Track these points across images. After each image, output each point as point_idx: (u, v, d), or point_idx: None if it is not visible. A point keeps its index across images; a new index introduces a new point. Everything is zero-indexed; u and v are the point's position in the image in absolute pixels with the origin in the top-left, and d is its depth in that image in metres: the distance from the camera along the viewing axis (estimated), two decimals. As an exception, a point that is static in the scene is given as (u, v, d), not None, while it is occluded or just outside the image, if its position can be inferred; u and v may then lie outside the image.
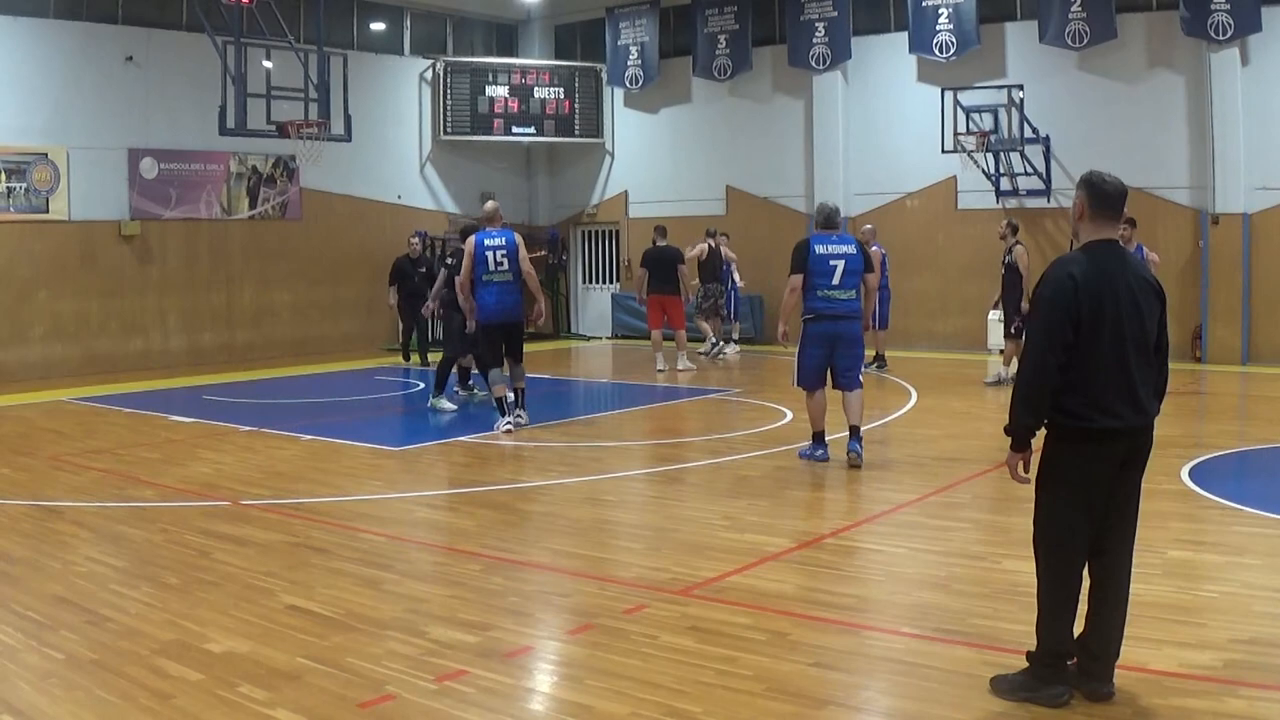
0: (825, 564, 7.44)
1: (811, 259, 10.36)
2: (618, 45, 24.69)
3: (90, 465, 11.10)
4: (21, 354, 18.56)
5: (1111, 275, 4.98)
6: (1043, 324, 4.96)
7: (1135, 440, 5.05)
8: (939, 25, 20.49)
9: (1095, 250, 5.07)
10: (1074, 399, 4.94)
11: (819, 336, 10.48)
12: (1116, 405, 4.95)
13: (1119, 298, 4.96)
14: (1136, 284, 5.04)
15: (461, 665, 5.59)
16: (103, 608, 6.54)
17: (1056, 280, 4.97)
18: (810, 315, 10.47)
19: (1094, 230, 5.10)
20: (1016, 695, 5.07)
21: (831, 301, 10.38)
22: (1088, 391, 4.93)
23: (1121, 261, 5.07)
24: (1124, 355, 4.96)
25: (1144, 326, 5.03)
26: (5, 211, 18.24)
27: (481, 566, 7.43)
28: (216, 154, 20.46)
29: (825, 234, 10.57)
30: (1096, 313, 4.92)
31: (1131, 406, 4.98)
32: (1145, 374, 5.05)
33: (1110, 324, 4.94)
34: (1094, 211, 5.10)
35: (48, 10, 18.77)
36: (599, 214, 25.77)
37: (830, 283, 10.34)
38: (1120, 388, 4.96)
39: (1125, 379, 4.97)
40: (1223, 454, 10.77)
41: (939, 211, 21.06)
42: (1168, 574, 6.94)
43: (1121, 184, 5.13)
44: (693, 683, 5.34)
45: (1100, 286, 4.93)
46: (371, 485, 10.27)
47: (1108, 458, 4.99)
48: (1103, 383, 4.94)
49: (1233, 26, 17.94)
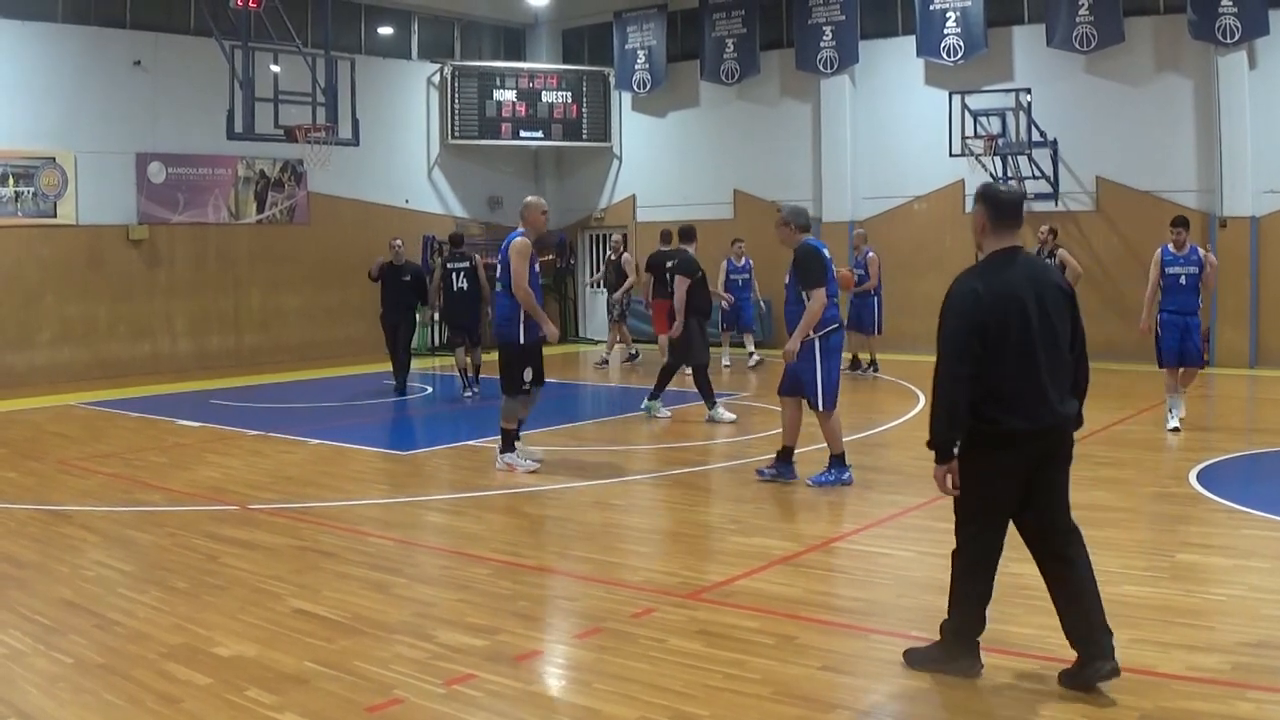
0: (833, 568, 7.43)
1: (828, 266, 9.67)
2: (625, 49, 24.71)
3: (98, 469, 11.11)
4: (29, 358, 18.60)
5: (1016, 283, 5.14)
6: (951, 338, 5.12)
7: (1050, 440, 5.21)
8: (946, 29, 20.48)
9: (999, 260, 5.23)
10: (987, 404, 5.11)
11: (838, 348, 9.87)
12: (1028, 408, 5.11)
13: (1025, 304, 5.11)
14: (1042, 289, 5.19)
15: (470, 669, 5.59)
16: (111, 612, 6.55)
17: (961, 294, 5.15)
18: (834, 326, 9.73)
19: (997, 240, 5.27)
20: (929, 666, 5.38)
21: (838, 309, 9.90)
22: (1000, 397, 5.10)
23: (1025, 268, 5.23)
24: (1034, 359, 5.11)
25: (1053, 329, 5.17)
26: (13, 216, 18.29)
27: (489, 570, 7.43)
28: (224, 158, 20.50)
29: (814, 238, 9.96)
30: (1003, 321, 5.07)
31: (1044, 408, 5.13)
32: (1057, 375, 5.19)
33: (1018, 330, 5.09)
34: (994, 223, 5.27)
35: (55, 15, 18.84)
36: (607, 218, 25.77)
37: (835, 290, 9.82)
38: (1031, 391, 5.12)
39: (1036, 382, 5.11)
40: (1231, 457, 10.74)
41: (946, 215, 21.04)
42: (1175, 577, 6.93)
43: (1018, 193, 5.42)
44: (701, 686, 5.34)
45: (1005, 295, 5.10)
46: (379, 489, 10.28)
47: (1023, 458, 5.16)
48: (1014, 387, 5.10)
49: (1240, 30, 17.92)
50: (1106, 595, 6.50)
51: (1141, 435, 12.26)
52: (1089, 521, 8.33)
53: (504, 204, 25.45)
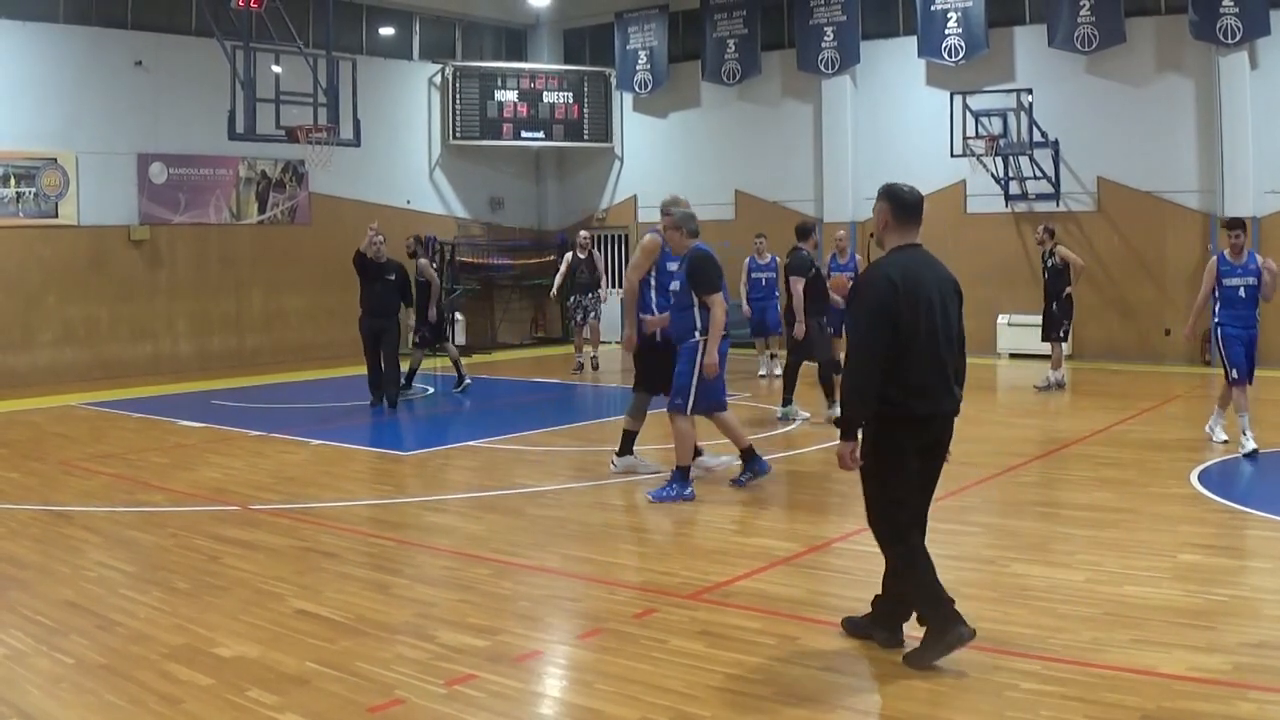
0: (835, 568, 7.43)
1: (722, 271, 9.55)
2: (627, 50, 24.72)
3: (100, 470, 11.11)
4: (31, 359, 18.61)
5: (921, 276, 5.54)
6: (866, 325, 5.47)
7: (945, 425, 5.68)
8: (948, 29, 20.48)
9: (904, 255, 5.61)
10: (895, 389, 5.46)
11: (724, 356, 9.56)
12: (932, 393, 5.54)
13: (929, 296, 5.51)
14: (940, 283, 5.62)
15: (471, 669, 5.60)
16: (112, 612, 6.56)
17: (876, 284, 5.50)
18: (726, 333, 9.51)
19: (899, 237, 5.66)
20: (933, 657, 5.50)
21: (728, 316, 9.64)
22: (907, 382, 5.47)
23: (926, 264, 5.64)
24: (936, 348, 5.52)
25: (949, 321, 5.60)
26: (15, 216, 18.30)
27: (491, 571, 7.43)
28: (226, 159, 20.51)
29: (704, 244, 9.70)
30: (913, 311, 5.45)
31: (945, 393, 5.59)
32: (951, 364, 5.61)
33: (924, 320, 5.48)
34: (897, 220, 5.65)
35: (57, 15, 18.84)
36: (608, 218, 25.77)
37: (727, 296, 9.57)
38: (935, 377, 5.54)
39: (939, 369, 5.55)
40: (1232, 458, 10.74)
41: (948, 215, 21.01)
42: (1177, 578, 6.93)
43: (919, 193, 5.73)
44: (702, 687, 5.34)
45: (914, 287, 5.47)
46: (381, 490, 10.28)
47: (924, 440, 5.60)
48: (920, 373, 5.49)
49: (1241, 30, 17.92)
50: (1108, 595, 6.54)
51: (1142, 435, 12.26)
52: (1091, 522, 8.41)
53: (505, 204, 25.47)
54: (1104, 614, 6.22)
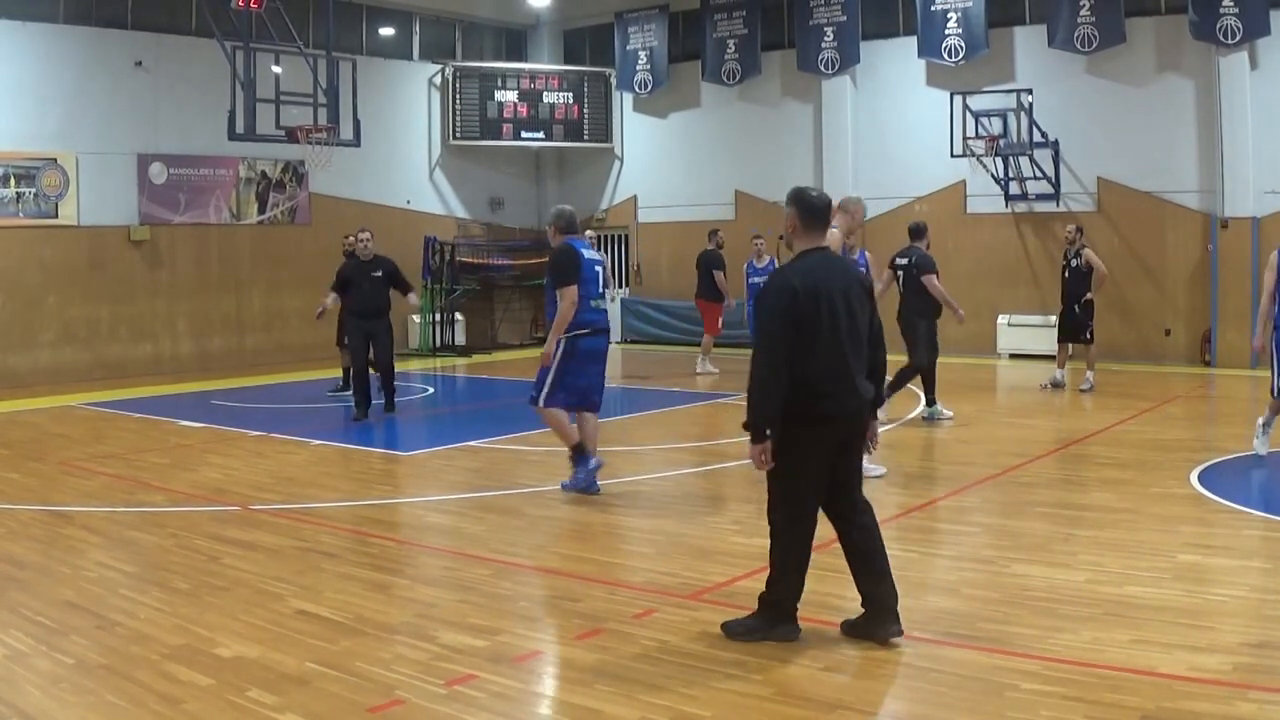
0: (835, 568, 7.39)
1: (584, 266, 9.43)
2: (627, 50, 24.72)
3: (100, 470, 11.11)
4: (31, 359, 18.61)
5: (827, 279, 5.70)
6: (770, 328, 5.63)
7: (853, 424, 5.84)
8: (948, 29, 20.48)
9: (811, 258, 5.80)
10: (800, 389, 5.63)
11: (588, 353, 9.60)
12: (836, 393, 5.71)
13: (834, 298, 5.67)
14: (848, 284, 5.80)
15: (471, 670, 5.60)
16: (113, 613, 6.56)
17: (779, 290, 5.66)
18: (585, 330, 9.50)
19: (807, 240, 5.85)
20: (752, 636, 5.85)
21: (600, 314, 9.65)
22: (810, 383, 5.64)
23: (833, 266, 5.85)
24: (841, 349, 5.69)
25: (856, 322, 5.78)
26: (14, 217, 18.31)
27: (491, 571, 7.43)
28: (226, 159, 20.52)
29: (577, 239, 9.74)
30: (816, 313, 5.62)
31: (850, 394, 5.76)
32: (859, 364, 5.81)
33: (827, 322, 5.65)
34: (804, 224, 5.85)
35: (57, 15, 18.86)
36: (608, 219, 25.78)
37: (596, 292, 9.55)
38: (839, 378, 5.71)
39: (843, 370, 5.71)
40: (1232, 458, 10.74)
41: (948, 216, 21.03)
42: (1177, 577, 6.93)
43: (826, 197, 5.96)
44: (703, 687, 5.34)
45: (818, 290, 5.64)
46: (381, 490, 10.28)
47: (830, 439, 5.77)
48: (824, 374, 5.67)
49: (1241, 30, 17.92)
50: (1108, 596, 6.54)
51: (1143, 436, 12.26)
52: (1091, 522, 8.41)
53: (505, 205, 25.47)
54: (1104, 614, 6.22)
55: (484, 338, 24.53)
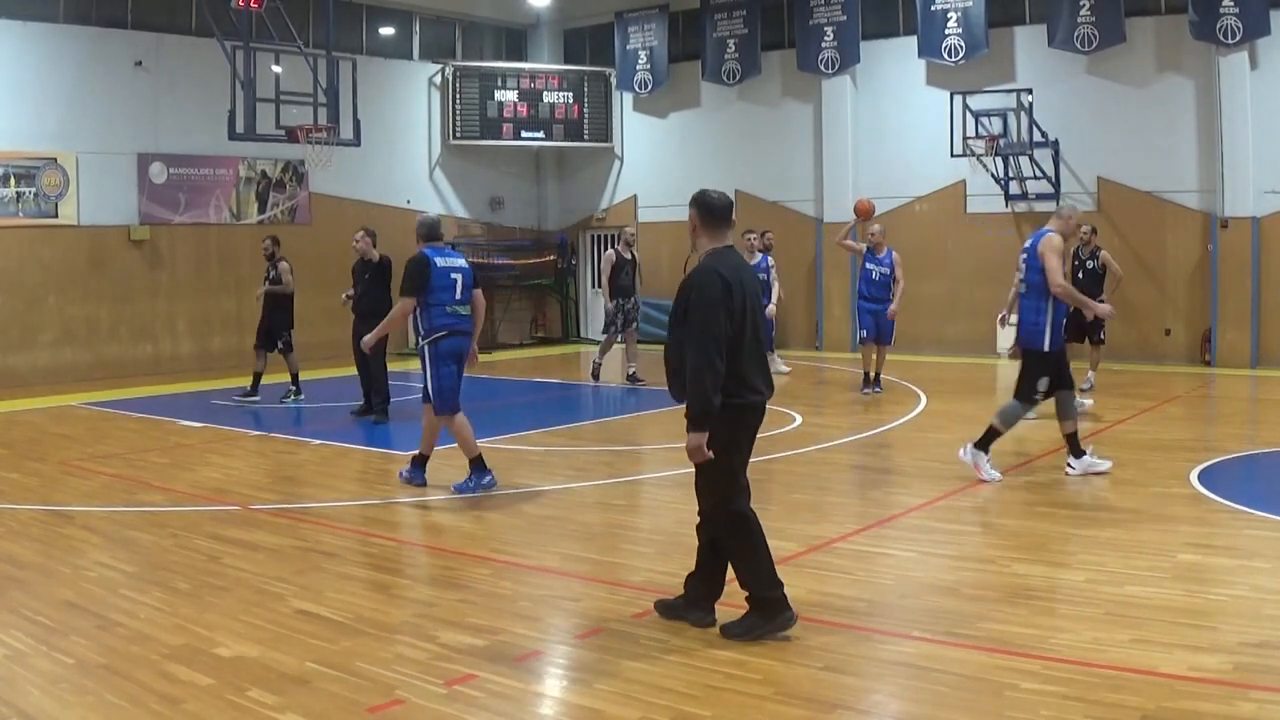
0: (835, 568, 7.42)
1: (435, 274, 9.75)
2: (627, 50, 24.72)
3: (100, 470, 11.11)
4: (31, 359, 18.61)
5: (740, 275, 5.97)
6: (706, 321, 5.76)
7: (764, 414, 6.12)
8: (948, 29, 20.48)
9: (723, 254, 6.01)
10: (731, 378, 5.83)
11: (449, 353, 9.86)
12: (758, 382, 5.98)
13: (747, 293, 5.95)
14: (753, 282, 6.12)
15: (471, 669, 5.59)
16: (113, 612, 6.55)
17: (710, 283, 5.84)
18: (442, 334, 9.78)
19: (712, 239, 6.06)
20: (752, 635, 5.92)
21: (456, 317, 9.88)
22: (739, 373, 5.87)
23: (742, 264, 6.09)
24: (758, 341, 5.99)
25: (760, 317, 6.07)
26: (14, 216, 18.31)
27: (491, 571, 7.43)
28: (226, 159, 20.52)
29: (438, 247, 10.03)
30: (740, 306, 5.86)
31: (765, 383, 6.05)
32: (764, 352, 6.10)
33: (749, 315, 5.92)
34: (706, 224, 6.06)
35: (57, 15, 18.85)
36: (608, 218, 25.78)
37: (453, 298, 9.83)
38: (758, 367, 5.99)
39: (760, 360, 6.01)
40: (1232, 457, 10.74)
41: (948, 215, 21.05)
42: (1178, 577, 6.93)
43: (727, 198, 6.17)
44: (702, 687, 5.34)
45: (737, 284, 5.88)
46: (381, 490, 10.27)
47: (754, 426, 6.06)
48: (747, 364, 5.91)
49: (1241, 30, 17.92)
50: (1109, 595, 6.55)
51: (1143, 435, 12.25)
52: (1091, 522, 8.41)
53: (505, 204, 25.47)
54: (1104, 614, 6.22)
55: (484, 337, 24.35)
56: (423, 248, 9.92)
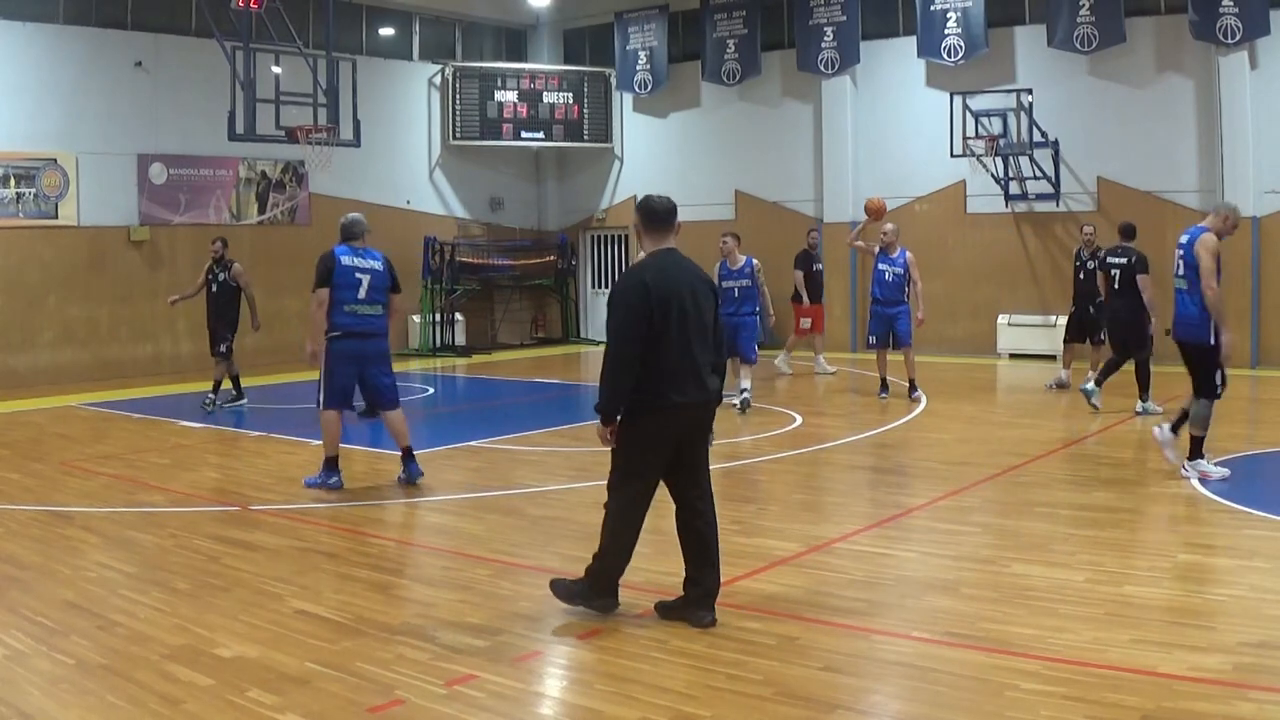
0: (835, 568, 7.43)
1: (338, 272, 9.80)
2: (627, 50, 24.72)
3: (100, 470, 11.11)
4: (31, 359, 18.61)
5: (675, 278, 6.13)
6: (623, 323, 6.01)
7: (700, 413, 6.26)
8: (947, 29, 20.48)
9: (660, 258, 6.22)
10: (651, 380, 6.03)
11: (343, 354, 9.94)
12: (684, 385, 6.10)
13: (682, 296, 6.09)
14: (694, 283, 6.22)
15: (471, 670, 5.60)
16: (113, 613, 6.56)
17: (632, 287, 6.07)
18: (338, 333, 9.87)
19: (654, 242, 6.31)
20: (574, 601, 6.33)
21: (356, 318, 9.91)
22: (662, 374, 6.04)
23: (680, 266, 6.24)
24: (688, 344, 6.11)
25: (703, 319, 6.19)
26: (14, 217, 18.31)
27: (491, 571, 7.44)
28: (226, 159, 20.52)
29: (354, 246, 10.03)
30: (665, 310, 6.02)
31: (696, 386, 6.16)
32: (705, 358, 6.21)
33: (676, 318, 6.05)
34: (648, 228, 6.33)
35: (57, 16, 18.85)
36: (608, 219, 25.78)
37: (354, 297, 9.86)
38: (686, 370, 6.11)
39: (690, 363, 6.12)
40: (1232, 457, 10.72)
41: (948, 216, 21.05)
42: (1177, 577, 6.93)
43: (669, 202, 6.37)
44: (702, 687, 5.34)
45: (667, 288, 6.05)
46: (381, 490, 10.28)
47: (676, 427, 6.15)
48: (672, 367, 6.06)
49: (1241, 30, 17.92)
50: (1109, 595, 6.55)
51: (1142, 435, 12.25)
52: (1091, 522, 8.41)
53: (505, 205, 25.47)
54: (1104, 614, 6.22)
55: (484, 338, 24.52)
56: (336, 245, 10.02)
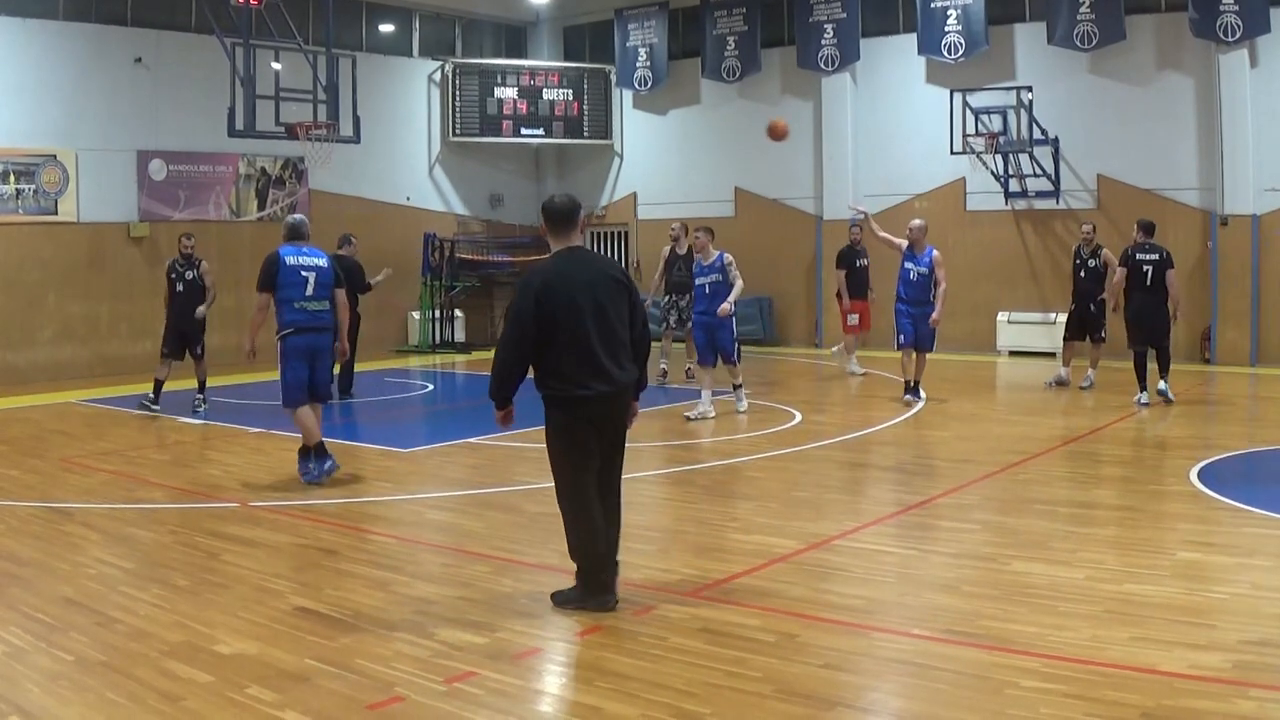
0: (834, 566, 7.43)
1: (284, 271, 10.25)
2: (626, 47, 24.70)
3: (99, 467, 11.11)
4: (31, 356, 18.60)
5: (575, 276, 6.40)
6: (516, 319, 6.33)
7: (608, 404, 6.47)
8: (948, 27, 20.47)
9: (562, 257, 6.53)
10: (556, 375, 6.37)
11: (293, 350, 10.32)
12: (586, 378, 6.35)
13: (583, 292, 6.35)
14: (598, 279, 6.48)
15: (470, 667, 5.59)
16: (112, 609, 6.55)
17: (529, 285, 6.38)
18: (289, 330, 10.28)
19: (559, 241, 6.59)
20: (573, 606, 6.44)
21: (305, 314, 10.29)
22: (561, 367, 6.35)
23: (583, 263, 6.54)
24: (589, 339, 6.33)
25: (608, 314, 6.43)
26: (14, 213, 18.29)
27: (490, 568, 7.43)
28: (225, 156, 20.50)
29: (297, 246, 10.55)
30: (565, 307, 6.29)
31: (599, 379, 6.39)
32: (612, 350, 6.45)
33: (576, 315, 6.30)
34: (553, 228, 6.62)
35: (56, 12, 18.82)
36: (608, 216, 25.77)
37: (301, 294, 10.27)
38: (588, 364, 6.35)
39: (592, 357, 6.35)
40: (1232, 455, 10.74)
41: (948, 213, 21.03)
42: (1177, 575, 6.93)
43: (570, 201, 6.68)
44: (702, 684, 5.33)
45: (567, 286, 6.33)
46: (380, 487, 10.27)
47: (587, 418, 6.42)
48: (575, 361, 6.34)
49: (1241, 28, 17.91)
50: (1108, 593, 6.55)
51: (1142, 433, 12.26)
52: (1091, 520, 8.41)
53: (504, 202, 25.45)
54: (1104, 612, 6.22)
55: (483, 334, 24.49)
56: (280, 247, 10.42)
